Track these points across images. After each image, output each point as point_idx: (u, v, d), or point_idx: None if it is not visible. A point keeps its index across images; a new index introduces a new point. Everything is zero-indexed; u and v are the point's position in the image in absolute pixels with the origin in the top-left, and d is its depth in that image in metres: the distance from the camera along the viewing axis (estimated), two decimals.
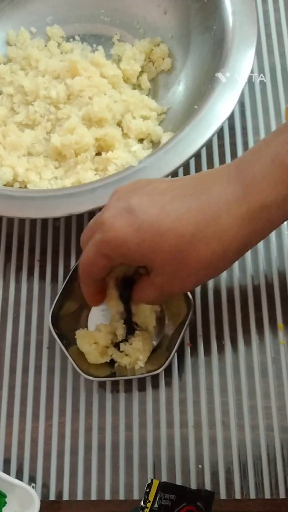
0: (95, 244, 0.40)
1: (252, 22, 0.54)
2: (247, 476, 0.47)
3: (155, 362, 0.47)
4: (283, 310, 0.51)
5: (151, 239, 0.38)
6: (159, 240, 0.38)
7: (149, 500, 0.41)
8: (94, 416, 0.49)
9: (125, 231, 0.38)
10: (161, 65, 0.61)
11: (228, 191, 0.38)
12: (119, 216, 0.38)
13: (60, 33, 0.63)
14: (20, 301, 0.53)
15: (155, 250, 0.38)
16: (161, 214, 0.38)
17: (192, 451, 0.47)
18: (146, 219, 0.38)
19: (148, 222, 0.38)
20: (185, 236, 0.38)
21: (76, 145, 0.54)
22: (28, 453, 0.48)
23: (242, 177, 0.38)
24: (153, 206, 0.38)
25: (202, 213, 0.38)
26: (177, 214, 0.38)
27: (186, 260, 0.38)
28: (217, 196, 0.38)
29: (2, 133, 0.56)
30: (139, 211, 0.38)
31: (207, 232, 0.38)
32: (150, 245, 0.38)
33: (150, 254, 0.39)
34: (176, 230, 0.38)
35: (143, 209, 0.38)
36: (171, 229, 0.38)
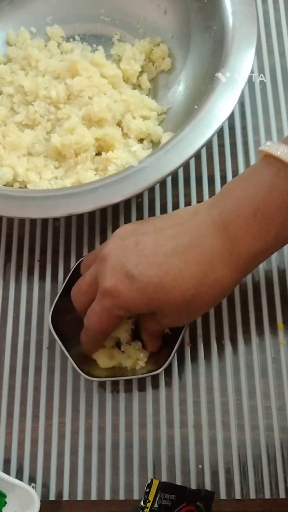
0: (107, 310, 0.43)
1: (252, 22, 0.54)
2: (247, 476, 0.47)
3: (155, 362, 0.47)
4: (283, 310, 0.51)
5: (157, 298, 0.41)
6: (164, 298, 0.41)
7: (149, 500, 0.41)
8: (94, 416, 0.49)
9: (133, 296, 0.41)
10: (161, 65, 0.61)
11: (218, 244, 0.41)
12: (122, 284, 0.41)
13: (60, 33, 0.63)
14: (20, 301, 0.53)
15: (163, 305, 0.42)
16: (161, 274, 0.41)
17: (192, 451, 0.47)
18: (149, 282, 0.41)
19: (152, 284, 0.41)
20: (188, 290, 0.41)
21: (76, 145, 0.54)
22: (28, 453, 0.48)
23: (227, 230, 0.41)
24: (151, 267, 0.41)
25: (199, 267, 0.41)
26: (177, 272, 0.40)
27: (192, 307, 0.42)
28: (209, 249, 0.41)
29: (2, 133, 0.56)
30: (139, 275, 0.41)
31: (207, 283, 0.41)
32: (156, 302, 0.41)
33: (156, 308, 0.42)
34: (179, 287, 0.40)
35: (142, 272, 0.41)
36: (174, 286, 0.40)
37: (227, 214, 0.41)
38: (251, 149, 0.58)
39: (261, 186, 0.40)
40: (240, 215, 0.40)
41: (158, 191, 0.57)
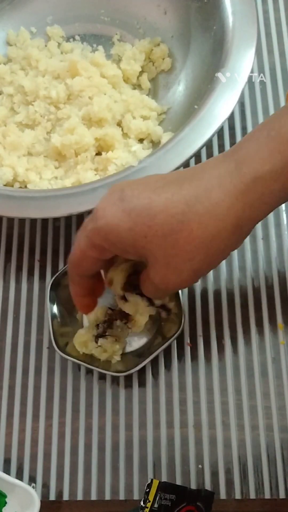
0: (86, 235, 0.38)
1: (252, 22, 0.54)
2: (247, 476, 0.47)
3: (128, 364, 0.48)
4: (283, 310, 0.51)
5: (142, 222, 0.36)
6: (150, 223, 0.36)
7: (149, 500, 0.41)
8: (94, 416, 0.49)
9: (116, 217, 0.37)
10: (161, 65, 0.61)
11: (221, 167, 0.37)
12: (111, 205, 0.37)
13: (60, 33, 0.63)
14: (20, 301, 0.53)
15: (147, 234, 0.36)
16: (153, 197, 0.36)
17: (192, 451, 0.47)
18: (138, 203, 0.36)
19: (140, 206, 0.36)
20: (176, 215, 0.36)
21: (76, 145, 0.54)
22: (28, 453, 0.48)
23: (236, 153, 0.37)
24: (145, 192, 0.37)
25: (193, 191, 0.36)
26: (168, 195, 0.36)
27: (179, 243, 0.36)
28: (210, 174, 0.37)
29: (2, 133, 0.56)
30: (131, 197, 0.37)
31: (198, 209, 0.36)
32: (141, 229, 0.36)
33: (141, 240, 0.37)
34: (167, 210, 0.36)
35: (135, 195, 0.37)
36: (162, 209, 0.36)
37: (240, 143, 0.38)
38: None
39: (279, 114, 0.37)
40: (251, 140, 0.37)
41: None
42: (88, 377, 0.50)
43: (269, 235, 0.54)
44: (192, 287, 0.52)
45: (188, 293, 0.52)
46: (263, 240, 0.54)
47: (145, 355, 0.48)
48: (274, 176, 0.36)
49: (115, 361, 0.48)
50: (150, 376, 0.50)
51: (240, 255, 0.53)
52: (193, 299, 0.52)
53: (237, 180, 0.36)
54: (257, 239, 0.54)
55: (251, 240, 0.54)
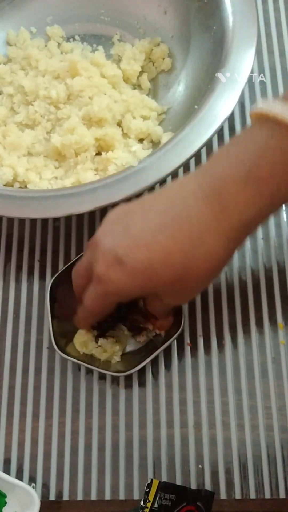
0: (101, 296, 0.42)
1: (252, 22, 0.54)
2: (247, 476, 0.47)
3: (128, 364, 0.48)
4: (283, 310, 0.51)
5: (149, 279, 0.40)
6: (156, 278, 0.40)
7: (149, 500, 0.41)
8: (94, 416, 0.49)
9: (124, 281, 0.40)
10: (161, 65, 0.61)
11: (206, 214, 0.39)
12: (112, 269, 0.40)
13: (60, 33, 0.63)
14: (20, 301, 0.53)
15: (155, 285, 0.41)
16: (149, 255, 0.39)
17: (192, 451, 0.47)
18: (138, 265, 0.39)
19: (141, 267, 0.39)
20: (177, 269, 0.39)
21: (76, 145, 0.54)
22: (28, 453, 0.48)
23: (217, 198, 0.38)
24: (139, 250, 0.39)
25: (188, 241, 0.39)
26: (165, 249, 0.39)
27: (185, 284, 0.41)
28: (197, 220, 0.39)
29: (2, 133, 0.56)
30: (128, 258, 0.39)
31: (196, 256, 0.39)
32: (149, 284, 0.40)
33: (149, 290, 0.42)
34: (169, 265, 0.39)
35: (130, 256, 0.39)
36: (163, 265, 0.39)
37: (217, 181, 0.39)
38: None
39: (253, 149, 0.38)
40: (231, 181, 0.38)
41: None
42: (88, 377, 0.50)
43: (269, 235, 0.54)
44: None
45: None
46: (263, 240, 0.54)
47: (145, 355, 0.48)
48: (258, 218, 0.39)
49: (115, 361, 0.48)
50: (150, 376, 0.50)
51: (240, 255, 0.53)
52: (193, 299, 0.52)
53: (225, 225, 0.39)
54: (257, 239, 0.54)
55: (251, 240, 0.54)
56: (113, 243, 0.40)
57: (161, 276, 0.40)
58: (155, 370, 0.50)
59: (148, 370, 0.50)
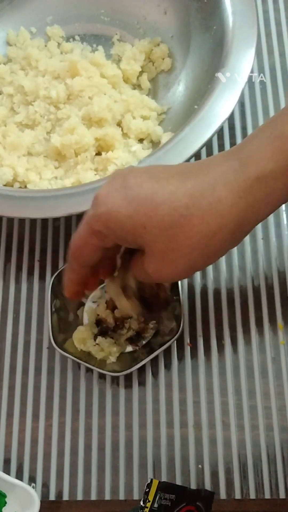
0: (87, 222, 0.38)
1: (252, 22, 0.54)
2: (247, 476, 0.47)
3: (125, 364, 0.48)
4: (283, 310, 0.51)
5: (144, 211, 0.36)
6: (151, 213, 0.36)
7: (148, 500, 0.41)
8: (94, 416, 0.49)
9: (118, 204, 0.36)
10: (161, 65, 0.61)
11: (225, 166, 0.37)
12: (114, 192, 0.37)
13: (60, 33, 0.63)
14: (20, 301, 0.53)
15: (146, 224, 0.36)
16: (156, 188, 0.36)
17: (192, 451, 0.47)
18: (141, 192, 0.36)
19: (142, 195, 0.36)
20: (178, 209, 0.36)
21: (76, 145, 0.54)
22: (28, 453, 0.48)
23: (240, 152, 0.37)
24: (150, 181, 0.37)
25: (197, 186, 0.36)
26: (173, 188, 0.36)
27: (179, 237, 0.36)
28: (214, 171, 0.37)
29: (2, 133, 0.56)
30: (134, 184, 0.37)
31: (202, 204, 0.36)
32: (142, 218, 0.36)
33: (140, 229, 0.36)
34: (170, 203, 0.36)
35: (138, 183, 0.37)
36: (165, 201, 0.36)
37: (243, 143, 0.38)
38: None
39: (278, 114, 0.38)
40: (254, 138, 0.37)
41: None
42: (88, 377, 0.50)
43: (269, 235, 0.54)
44: (192, 287, 0.52)
45: (188, 293, 0.52)
46: (263, 240, 0.54)
47: (143, 355, 0.48)
48: (277, 175, 0.36)
49: (110, 361, 0.48)
50: (150, 376, 0.50)
51: (240, 255, 0.53)
52: (193, 299, 0.52)
53: (241, 178, 0.36)
54: (257, 239, 0.54)
55: (251, 240, 0.54)
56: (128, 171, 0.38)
57: (157, 213, 0.36)
58: (155, 370, 0.50)
59: (148, 370, 0.50)
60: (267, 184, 0.36)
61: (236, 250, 0.53)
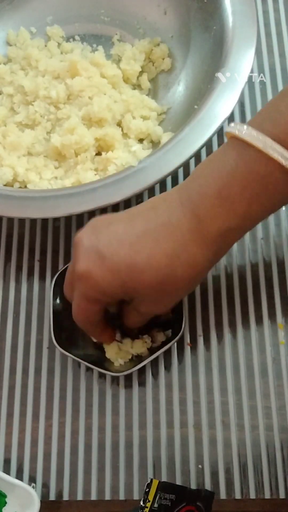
0: (82, 295, 0.42)
1: (252, 22, 0.54)
2: (247, 476, 0.47)
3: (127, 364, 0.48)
4: (283, 310, 0.51)
5: (131, 279, 0.40)
6: (138, 278, 0.40)
7: (148, 500, 0.41)
8: (94, 416, 0.49)
9: (106, 277, 0.40)
10: (161, 65, 0.61)
11: (187, 224, 0.40)
12: (93, 264, 0.40)
13: (60, 33, 0.63)
14: (20, 301, 0.53)
15: (136, 287, 0.41)
16: (132, 254, 0.40)
17: (192, 451, 0.47)
18: (121, 262, 0.40)
19: (123, 264, 0.40)
20: (161, 270, 0.40)
21: (76, 145, 0.54)
22: (28, 453, 0.48)
23: (195, 211, 0.40)
24: (122, 247, 0.40)
25: (171, 245, 0.40)
26: (148, 252, 0.40)
27: (166, 289, 0.41)
28: (179, 229, 0.40)
29: (2, 133, 0.56)
30: (110, 255, 0.40)
31: (179, 262, 0.40)
32: (131, 284, 0.40)
33: (131, 290, 0.41)
34: (152, 266, 0.40)
35: (112, 252, 0.40)
36: (147, 266, 0.40)
37: (194, 196, 0.41)
38: None
39: (224, 168, 0.40)
40: (205, 197, 0.40)
41: (158, 191, 0.57)
42: (88, 377, 0.50)
43: (269, 235, 0.54)
44: None
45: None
46: (263, 240, 0.54)
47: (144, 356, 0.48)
48: (233, 230, 0.41)
49: (118, 364, 0.48)
50: (150, 376, 0.50)
51: (240, 255, 0.53)
52: (193, 299, 0.52)
53: (204, 236, 0.40)
54: (257, 239, 0.54)
55: (251, 240, 0.54)
56: (95, 240, 0.41)
57: (143, 277, 0.40)
58: (155, 370, 0.50)
59: (148, 370, 0.50)
60: (226, 237, 0.41)
61: (236, 250, 0.53)
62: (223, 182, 0.39)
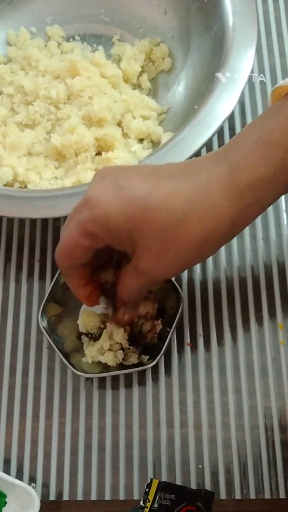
0: (79, 223, 0.37)
1: (252, 21, 0.54)
2: (247, 476, 0.46)
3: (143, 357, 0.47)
4: (283, 310, 0.51)
5: (141, 214, 0.36)
6: (149, 216, 0.36)
7: (148, 500, 0.41)
8: (94, 416, 0.49)
9: (114, 206, 0.36)
10: (161, 65, 0.61)
11: (217, 170, 0.38)
12: (107, 193, 0.37)
13: (60, 33, 0.63)
14: (20, 301, 0.53)
15: (144, 227, 0.37)
16: (152, 189, 0.36)
17: (192, 451, 0.47)
18: (137, 194, 0.36)
19: (139, 197, 0.36)
20: (176, 212, 0.36)
21: (76, 145, 0.54)
22: (28, 453, 0.48)
23: (229, 158, 0.38)
24: (144, 182, 0.37)
25: (193, 190, 0.37)
26: (168, 191, 0.37)
27: (176, 238, 0.37)
28: (207, 175, 0.38)
29: (2, 133, 0.56)
30: (128, 186, 0.37)
31: (198, 208, 0.37)
32: (139, 222, 0.36)
33: (138, 232, 0.37)
34: (167, 206, 0.36)
35: (133, 185, 0.37)
36: (162, 204, 0.36)
37: (231, 144, 0.39)
38: None
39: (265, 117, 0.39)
40: (242, 144, 0.38)
41: None
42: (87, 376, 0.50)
43: (269, 235, 0.54)
44: (192, 287, 0.52)
45: (188, 293, 0.52)
46: (263, 240, 0.54)
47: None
48: (265, 182, 0.37)
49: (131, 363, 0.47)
50: (150, 376, 0.50)
51: (240, 255, 0.53)
52: (193, 299, 0.52)
53: (232, 185, 0.37)
54: (257, 239, 0.54)
55: (251, 240, 0.54)
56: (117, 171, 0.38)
57: (155, 216, 0.36)
58: (155, 370, 0.50)
59: (148, 370, 0.50)
60: (256, 191, 0.38)
61: (237, 249, 0.53)
62: (262, 129, 0.37)
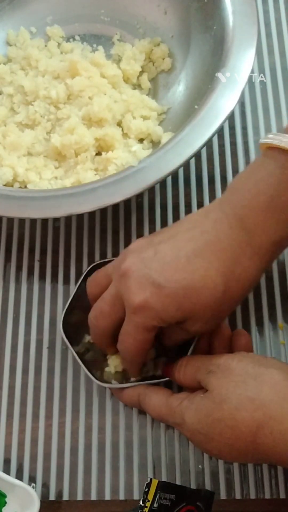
0: (142, 327, 0.41)
1: (252, 21, 0.54)
2: (247, 476, 0.46)
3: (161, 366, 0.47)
4: (283, 310, 0.51)
5: (189, 301, 0.40)
6: (196, 300, 0.40)
7: (148, 500, 0.41)
8: (94, 416, 0.49)
9: (164, 304, 0.40)
10: (161, 65, 0.61)
11: (236, 238, 0.41)
12: (151, 295, 0.40)
13: (60, 33, 0.63)
14: (20, 301, 0.53)
15: (194, 308, 0.40)
16: (187, 276, 0.40)
17: (192, 451, 0.47)
18: (178, 286, 0.40)
19: (181, 288, 0.40)
20: (218, 288, 0.40)
21: (76, 145, 0.54)
22: (28, 453, 0.48)
23: (243, 224, 0.41)
24: (176, 272, 0.40)
25: (224, 263, 0.40)
26: (202, 272, 0.40)
27: (223, 305, 0.41)
28: (229, 244, 0.41)
29: (2, 133, 0.56)
30: (166, 282, 0.40)
31: (234, 277, 0.41)
32: (189, 306, 0.40)
33: (190, 312, 0.41)
34: (209, 286, 0.40)
35: (168, 279, 0.40)
36: (204, 286, 0.40)
37: (240, 209, 0.41)
38: (252, 149, 0.58)
39: (270, 179, 0.40)
40: (254, 209, 0.40)
41: (158, 191, 0.57)
42: (88, 377, 0.50)
43: None
44: None
45: None
46: None
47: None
48: (285, 241, 0.42)
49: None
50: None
51: None
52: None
53: (257, 248, 0.41)
54: None
55: None
56: (146, 269, 0.40)
57: (201, 297, 0.40)
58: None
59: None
60: (279, 245, 0.42)
61: None
62: (271, 194, 0.40)
